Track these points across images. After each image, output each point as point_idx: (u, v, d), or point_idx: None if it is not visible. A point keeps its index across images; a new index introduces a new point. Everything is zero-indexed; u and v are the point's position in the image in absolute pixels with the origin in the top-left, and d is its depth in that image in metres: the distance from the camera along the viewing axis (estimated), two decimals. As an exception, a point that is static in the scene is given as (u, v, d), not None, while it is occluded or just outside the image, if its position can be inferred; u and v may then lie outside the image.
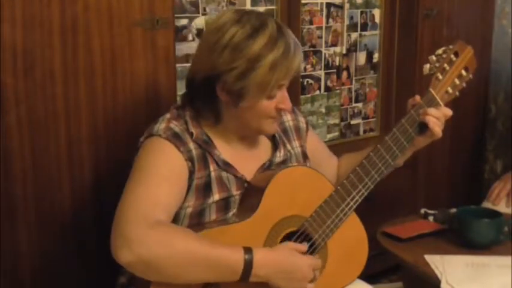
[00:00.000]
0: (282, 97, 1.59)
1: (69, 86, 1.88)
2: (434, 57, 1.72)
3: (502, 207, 2.32)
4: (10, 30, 1.76)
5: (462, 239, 1.95)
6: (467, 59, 1.73)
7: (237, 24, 1.54)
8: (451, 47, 1.73)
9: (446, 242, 1.98)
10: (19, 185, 1.84)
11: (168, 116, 1.62)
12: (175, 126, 1.58)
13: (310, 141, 1.84)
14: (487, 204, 2.39)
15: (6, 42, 1.76)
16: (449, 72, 1.71)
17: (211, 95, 1.58)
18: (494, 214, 1.99)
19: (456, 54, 1.72)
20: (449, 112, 1.70)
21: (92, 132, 1.94)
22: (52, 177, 1.89)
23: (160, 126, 1.58)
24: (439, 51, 1.73)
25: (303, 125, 1.82)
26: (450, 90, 1.72)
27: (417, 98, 1.71)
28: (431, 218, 2.15)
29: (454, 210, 2.09)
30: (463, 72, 1.73)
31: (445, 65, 1.71)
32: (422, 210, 2.19)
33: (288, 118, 1.79)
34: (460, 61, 1.72)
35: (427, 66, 1.71)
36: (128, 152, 1.74)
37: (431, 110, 1.67)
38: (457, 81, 1.73)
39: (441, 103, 1.70)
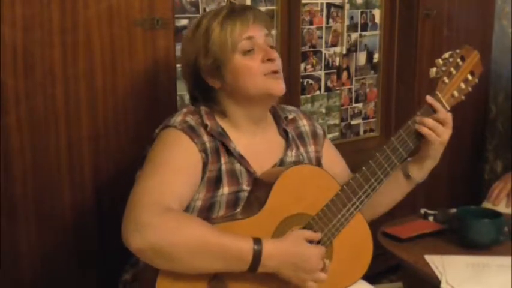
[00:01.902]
0: (263, 50, 1.62)
1: (69, 86, 1.88)
2: (441, 61, 1.71)
3: (502, 208, 2.32)
4: (10, 30, 1.76)
5: (462, 239, 1.95)
6: (473, 63, 1.74)
7: (189, 27, 1.72)
8: (457, 51, 1.73)
9: (446, 242, 1.98)
10: (19, 185, 1.84)
11: (185, 110, 1.65)
12: (191, 119, 1.61)
13: (328, 152, 1.83)
14: (487, 204, 2.39)
15: (6, 42, 1.76)
16: (456, 76, 1.71)
17: (207, 90, 1.65)
18: (494, 214, 1.98)
19: (462, 58, 1.72)
20: (448, 116, 1.70)
21: (92, 132, 1.94)
22: (52, 177, 1.89)
23: (177, 119, 1.60)
24: (446, 55, 1.72)
25: (320, 131, 1.82)
26: (456, 93, 1.72)
27: (429, 98, 1.70)
28: (431, 218, 2.14)
29: (454, 210, 2.09)
30: (469, 77, 1.74)
31: (452, 68, 1.71)
32: (422, 210, 2.19)
33: (304, 123, 1.80)
34: (467, 65, 1.72)
35: (434, 69, 1.71)
36: (128, 151, 1.74)
37: (425, 120, 1.67)
38: (463, 85, 1.73)
39: (448, 106, 1.70)
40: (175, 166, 1.53)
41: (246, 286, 1.50)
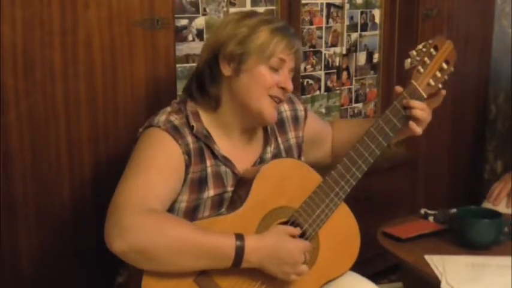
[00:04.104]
0: (285, 77, 1.63)
1: (69, 86, 1.88)
2: (414, 52, 1.74)
3: (502, 208, 2.32)
4: (10, 30, 1.76)
5: (462, 239, 1.95)
6: (447, 52, 1.76)
7: (234, 14, 1.69)
8: (430, 41, 1.76)
9: (446, 242, 1.98)
10: (19, 185, 1.84)
11: (168, 109, 1.64)
12: (176, 119, 1.60)
13: (311, 129, 1.84)
14: (487, 205, 2.39)
15: (6, 42, 1.76)
16: (430, 65, 1.74)
17: (214, 72, 1.62)
18: (495, 214, 1.99)
19: (436, 48, 1.75)
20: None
21: (92, 132, 1.94)
22: (52, 177, 1.89)
23: (161, 118, 1.60)
24: (419, 46, 1.75)
25: (301, 113, 1.82)
26: (432, 82, 1.74)
27: (398, 88, 1.72)
28: (431, 218, 2.14)
29: (454, 210, 2.09)
30: (444, 65, 1.76)
31: (426, 58, 1.74)
32: (422, 210, 2.19)
33: (285, 108, 1.79)
34: (440, 54, 1.75)
35: (408, 60, 1.74)
36: (127, 151, 1.73)
37: (415, 102, 1.68)
38: (438, 74, 1.75)
39: (424, 95, 1.72)
40: (158, 167, 1.53)
41: (232, 280, 1.52)
